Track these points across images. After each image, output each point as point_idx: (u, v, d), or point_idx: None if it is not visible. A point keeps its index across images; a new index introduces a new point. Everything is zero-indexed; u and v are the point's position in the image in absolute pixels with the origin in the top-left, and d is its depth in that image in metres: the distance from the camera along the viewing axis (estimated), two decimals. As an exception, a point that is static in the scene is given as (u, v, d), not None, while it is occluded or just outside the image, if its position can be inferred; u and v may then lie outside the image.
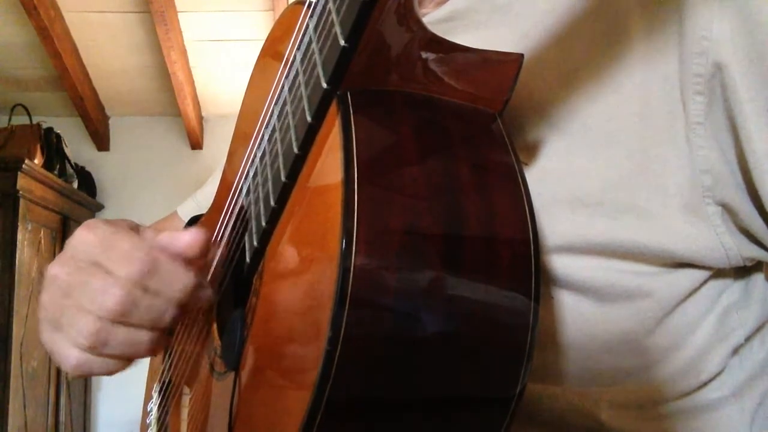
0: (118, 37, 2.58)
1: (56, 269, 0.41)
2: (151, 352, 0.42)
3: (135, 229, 0.44)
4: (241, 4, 2.44)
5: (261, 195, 0.42)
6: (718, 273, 0.44)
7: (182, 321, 0.59)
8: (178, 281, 0.40)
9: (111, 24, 2.51)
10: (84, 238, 0.41)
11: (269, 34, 0.53)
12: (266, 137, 0.44)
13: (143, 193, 3.01)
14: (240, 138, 0.56)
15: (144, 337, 0.41)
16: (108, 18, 2.48)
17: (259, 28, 2.55)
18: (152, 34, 2.51)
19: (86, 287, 0.39)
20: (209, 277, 0.51)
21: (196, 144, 3.12)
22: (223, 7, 2.45)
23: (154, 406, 0.67)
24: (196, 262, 0.42)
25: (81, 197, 2.82)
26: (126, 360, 0.42)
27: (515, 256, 0.31)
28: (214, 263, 0.51)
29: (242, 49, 2.65)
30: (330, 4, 0.33)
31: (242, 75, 2.77)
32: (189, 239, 0.41)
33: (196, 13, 2.49)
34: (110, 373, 0.43)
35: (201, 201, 0.77)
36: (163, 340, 0.42)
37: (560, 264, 0.42)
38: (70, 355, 0.41)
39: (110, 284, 0.39)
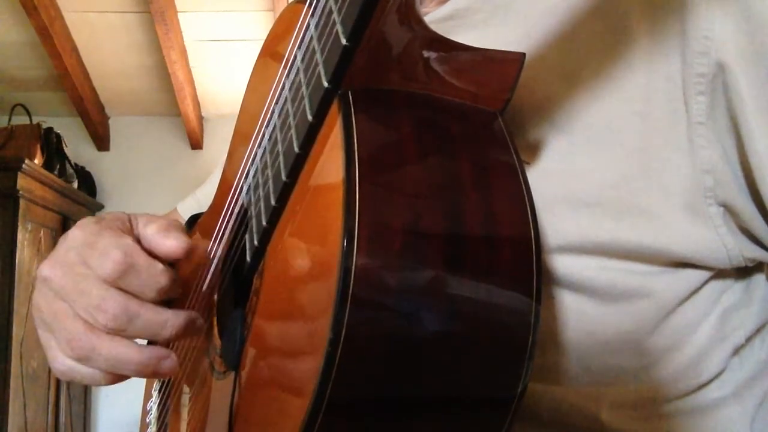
0: (118, 37, 2.58)
1: (49, 271, 0.41)
2: (140, 371, 0.40)
3: (124, 222, 0.44)
4: (241, 4, 2.44)
5: (261, 194, 0.42)
6: (719, 273, 0.44)
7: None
8: (154, 281, 0.40)
9: (111, 24, 2.51)
10: (74, 237, 0.42)
11: (269, 34, 0.53)
12: (267, 136, 0.43)
13: (143, 193, 3.01)
14: (240, 138, 0.56)
15: (130, 354, 0.40)
16: (108, 18, 2.48)
17: (259, 28, 2.55)
18: (152, 34, 2.51)
19: (84, 299, 0.39)
20: (209, 276, 0.51)
21: (196, 144, 3.12)
22: (223, 7, 2.45)
23: (153, 405, 0.67)
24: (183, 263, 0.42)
25: (81, 197, 2.82)
26: (116, 375, 0.41)
27: (516, 256, 0.31)
28: (215, 262, 0.51)
29: (242, 49, 2.65)
30: (331, 3, 0.33)
31: (242, 75, 2.77)
32: (171, 247, 0.42)
33: (196, 13, 2.49)
34: (98, 384, 0.42)
35: (201, 199, 0.78)
36: (154, 363, 0.41)
37: (561, 264, 0.42)
38: (57, 360, 0.41)
39: (108, 298, 0.39)
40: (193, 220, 0.67)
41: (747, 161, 0.38)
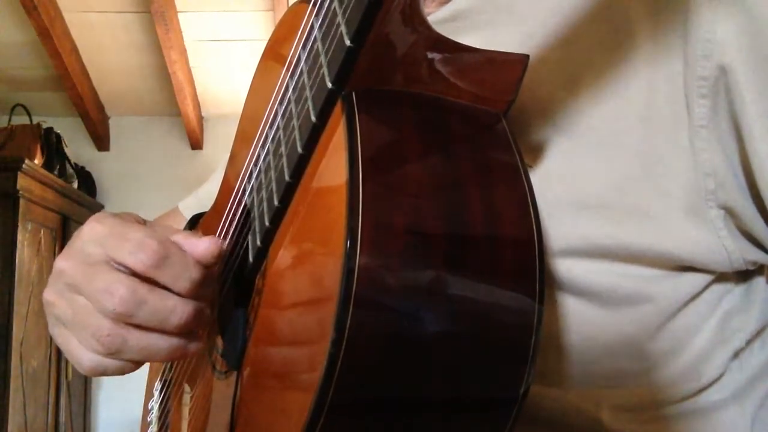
0: (118, 37, 2.58)
1: (63, 263, 0.41)
2: (170, 356, 0.40)
3: (142, 223, 0.44)
4: (241, 4, 2.44)
5: (265, 195, 0.42)
6: (720, 277, 0.44)
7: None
8: (188, 273, 0.40)
9: (111, 24, 2.51)
10: (94, 229, 0.41)
11: (272, 35, 0.53)
12: (270, 137, 0.44)
13: (143, 193, 3.01)
14: (242, 139, 0.56)
15: (159, 341, 0.40)
16: (108, 18, 2.49)
17: (259, 28, 2.55)
18: (152, 34, 2.51)
19: (92, 285, 0.39)
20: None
21: (196, 144, 3.12)
22: (223, 7, 2.46)
23: (155, 404, 0.67)
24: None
25: (81, 197, 2.82)
26: (143, 362, 0.41)
27: (519, 257, 0.31)
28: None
29: (242, 49, 2.66)
30: (335, 4, 0.33)
31: (242, 75, 2.78)
32: (208, 247, 0.41)
33: (196, 13, 2.49)
34: (125, 373, 0.42)
35: (202, 197, 0.77)
36: (183, 345, 0.41)
37: (563, 267, 0.42)
38: (83, 357, 0.40)
39: (116, 281, 0.38)
40: (195, 219, 0.67)
41: (748, 164, 0.38)
